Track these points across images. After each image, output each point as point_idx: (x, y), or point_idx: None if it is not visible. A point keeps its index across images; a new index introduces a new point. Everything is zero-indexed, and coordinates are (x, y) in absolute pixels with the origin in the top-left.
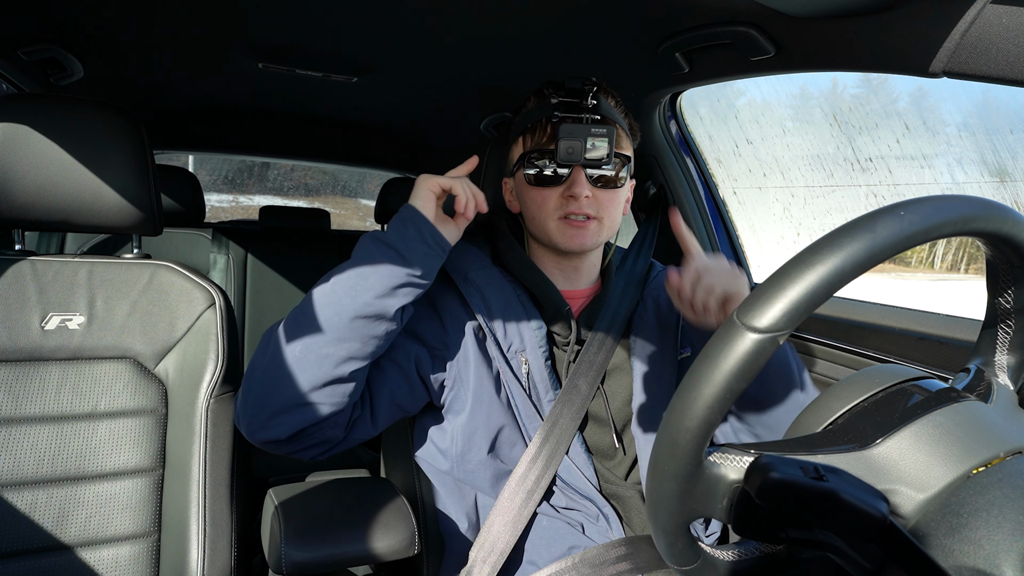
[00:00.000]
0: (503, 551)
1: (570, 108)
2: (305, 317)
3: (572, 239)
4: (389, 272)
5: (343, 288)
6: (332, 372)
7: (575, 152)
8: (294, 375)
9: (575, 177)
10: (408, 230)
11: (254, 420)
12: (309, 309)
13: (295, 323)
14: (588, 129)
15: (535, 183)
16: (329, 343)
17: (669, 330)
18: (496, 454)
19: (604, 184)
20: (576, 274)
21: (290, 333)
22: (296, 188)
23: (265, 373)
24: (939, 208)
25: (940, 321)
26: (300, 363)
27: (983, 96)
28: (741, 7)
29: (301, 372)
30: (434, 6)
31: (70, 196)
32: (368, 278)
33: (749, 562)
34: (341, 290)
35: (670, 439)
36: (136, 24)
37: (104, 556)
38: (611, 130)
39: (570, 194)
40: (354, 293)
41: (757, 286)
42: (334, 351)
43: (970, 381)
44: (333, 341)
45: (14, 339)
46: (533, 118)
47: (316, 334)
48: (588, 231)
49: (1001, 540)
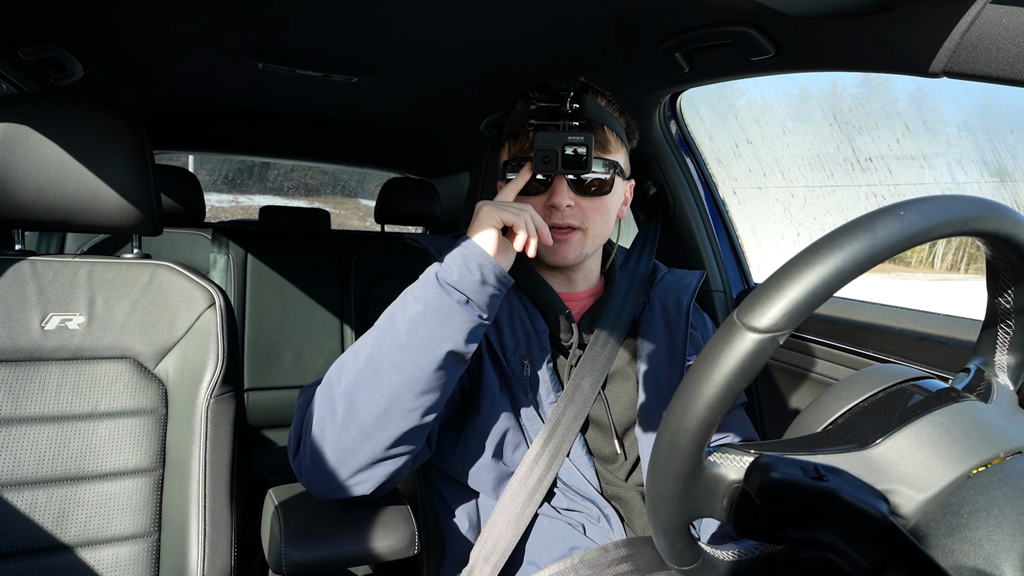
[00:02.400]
0: (504, 551)
1: (548, 114)
2: (380, 375)
3: (554, 252)
4: (464, 320)
5: (421, 342)
6: (418, 422)
7: (551, 161)
8: (377, 434)
9: (556, 186)
10: (475, 273)
11: (331, 483)
12: (382, 364)
13: (369, 380)
14: (564, 136)
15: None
16: (414, 397)
17: (677, 334)
18: (498, 456)
19: (589, 191)
20: (573, 279)
21: (365, 391)
22: (296, 188)
23: (341, 436)
24: (939, 208)
25: (940, 321)
26: (384, 421)
27: (983, 96)
28: (741, 7)
29: (384, 430)
30: (434, 6)
31: (70, 196)
32: (445, 326)
33: (749, 562)
34: (420, 343)
35: (670, 439)
36: (136, 24)
37: (104, 556)
38: (589, 136)
39: (551, 204)
40: (434, 346)
41: (757, 286)
42: (420, 403)
43: (970, 381)
44: (418, 394)
45: (14, 339)
46: (516, 124)
47: (399, 391)
48: (571, 243)
49: (1001, 540)
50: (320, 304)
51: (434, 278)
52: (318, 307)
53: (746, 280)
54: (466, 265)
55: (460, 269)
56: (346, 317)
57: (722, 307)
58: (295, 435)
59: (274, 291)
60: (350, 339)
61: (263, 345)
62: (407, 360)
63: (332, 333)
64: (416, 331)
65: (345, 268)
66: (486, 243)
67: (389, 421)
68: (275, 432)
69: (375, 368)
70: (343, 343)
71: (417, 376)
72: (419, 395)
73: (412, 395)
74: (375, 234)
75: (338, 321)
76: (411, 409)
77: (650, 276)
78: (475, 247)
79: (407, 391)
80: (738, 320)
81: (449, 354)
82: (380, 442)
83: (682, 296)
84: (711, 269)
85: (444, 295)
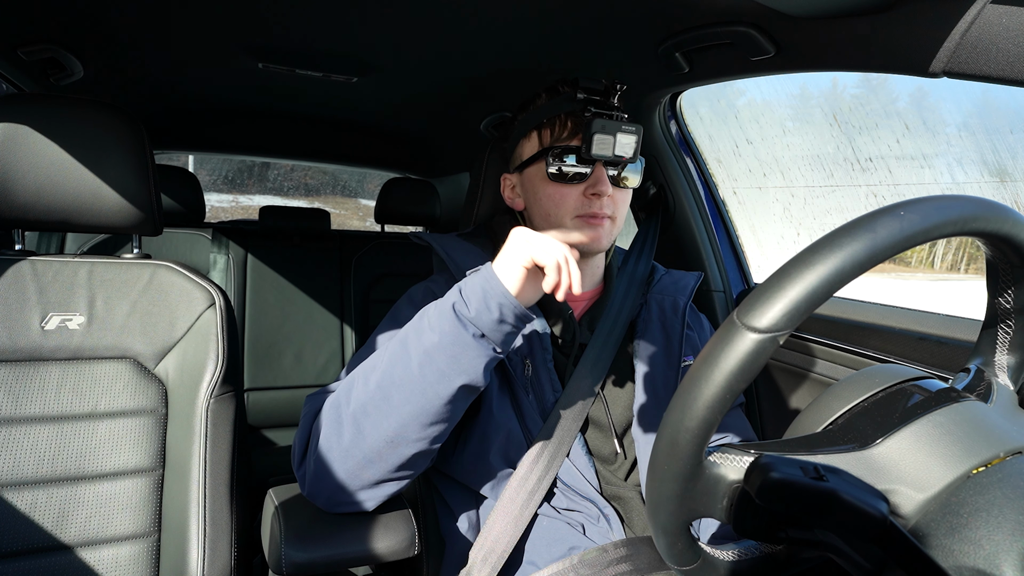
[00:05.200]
0: (503, 552)
1: (600, 104)
2: (390, 403)
3: (591, 238)
4: (479, 354)
5: (434, 374)
6: (425, 448)
7: (607, 148)
8: (382, 459)
9: (599, 175)
10: (493, 312)
11: (334, 497)
12: (392, 393)
13: (378, 407)
14: (619, 126)
15: (556, 179)
16: (422, 427)
17: (673, 336)
18: (498, 455)
19: (621, 183)
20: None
21: (374, 417)
22: (296, 188)
23: (346, 458)
24: (939, 208)
25: (940, 321)
26: (390, 448)
27: (983, 96)
28: (741, 7)
29: (390, 456)
30: (434, 6)
31: (70, 196)
32: (460, 360)
33: (749, 562)
34: (433, 376)
35: (670, 439)
36: (136, 24)
37: (104, 556)
38: (640, 128)
39: (594, 192)
40: (447, 379)
41: (757, 286)
42: (428, 433)
43: (970, 381)
44: (426, 425)
45: (14, 339)
46: (550, 113)
47: (407, 421)
48: (604, 230)
49: (1001, 540)
50: (320, 304)
51: (451, 309)
52: (318, 307)
53: (746, 280)
54: (485, 302)
55: (478, 305)
56: (346, 317)
57: (722, 307)
58: (300, 445)
59: (274, 291)
60: (350, 339)
61: (263, 345)
62: (418, 392)
63: (332, 333)
64: (430, 363)
65: (345, 268)
66: (510, 281)
67: (396, 448)
68: (275, 432)
69: (385, 396)
70: (343, 343)
71: (427, 408)
72: (427, 426)
73: (420, 426)
74: (375, 234)
75: (338, 321)
76: (418, 439)
77: (648, 277)
78: (497, 284)
79: (415, 421)
80: (738, 320)
81: (461, 388)
82: (385, 466)
83: (679, 297)
84: (711, 269)
85: (460, 328)
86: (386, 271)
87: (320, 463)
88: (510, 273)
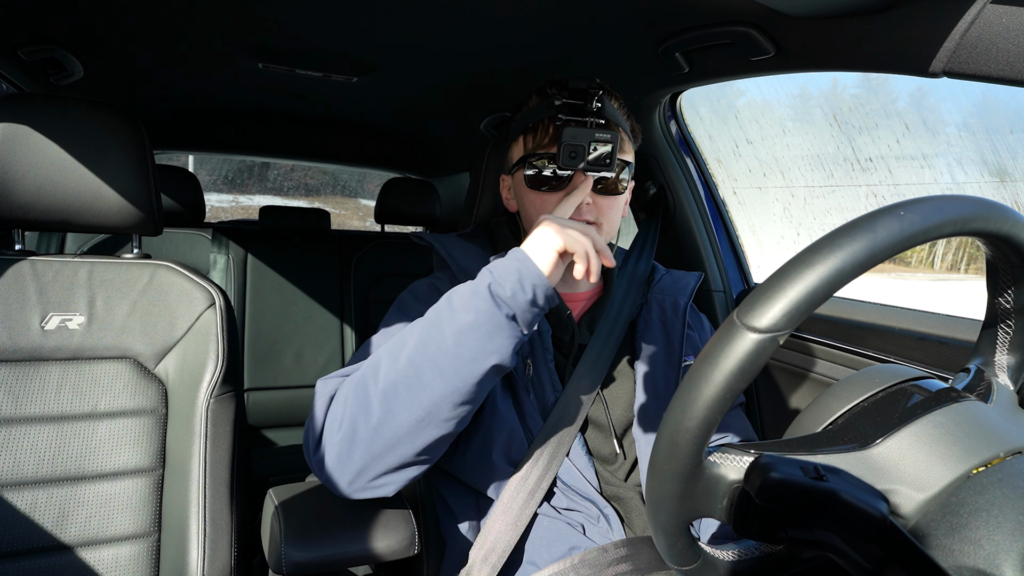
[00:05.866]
0: (503, 551)
1: (574, 110)
2: (422, 381)
3: None
4: (511, 335)
5: (469, 353)
6: (451, 430)
7: (578, 156)
8: (410, 439)
9: (576, 182)
10: (527, 293)
11: (355, 482)
12: (425, 370)
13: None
14: (592, 133)
15: (534, 186)
16: (452, 407)
17: (674, 336)
18: (499, 455)
19: (605, 190)
20: (574, 280)
21: (405, 396)
22: (296, 188)
23: (374, 439)
24: (939, 208)
25: (940, 321)
26: (419, 427)
27: (983, 96)
28: (741, 7)
29: (418, 436)
30: (434, 6)
31: (70, 196)
32: (494, 340)
33: (749, 562)
34: (468, 355)
35: (670, 439)
36: (136, 24)
37: (104, 556)
38: (615, 135)
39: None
40: (481, 359)
41: (757, 286)
42: (456, 413)
43: (970, 381)
44: (456, 404)
45: (14, 339)
46: (535, 117)
47: (439, 400)
48: None
49: (1001, 540)
50: (320, 304)
51: (487, 289)
52: (318, 307)
53: (746, 280)
54: (520, 283)
55: (513, 286)
56: (346, 317)
57: (722, 307)
58: (314, 430)
59: (274, 291)
60: (350, 339)
61: (263, 345)
62: (452, 370)
63: (332, 333)
64: (465, 341)
65: (345, 268)
66: (544, 263)
67: (424, 428)
68: (275, 432)
69: (417, 373)
70: (343, 343)
71: (459, 387)
72: (457, 405)
73: (451, 405)
74: (375, 234)
75: (338, 321)
76: (447, 419)
77: (648, 277)
78: (532, 266)
79: (447, 401)
80: (738, 320)
81: (493, 367)
82: (412, 447)
83: (679, 297)
84: (711, 269)
85: (495, 308)
86: (386, 271)
87: (343, 446)
88: (544, 257)
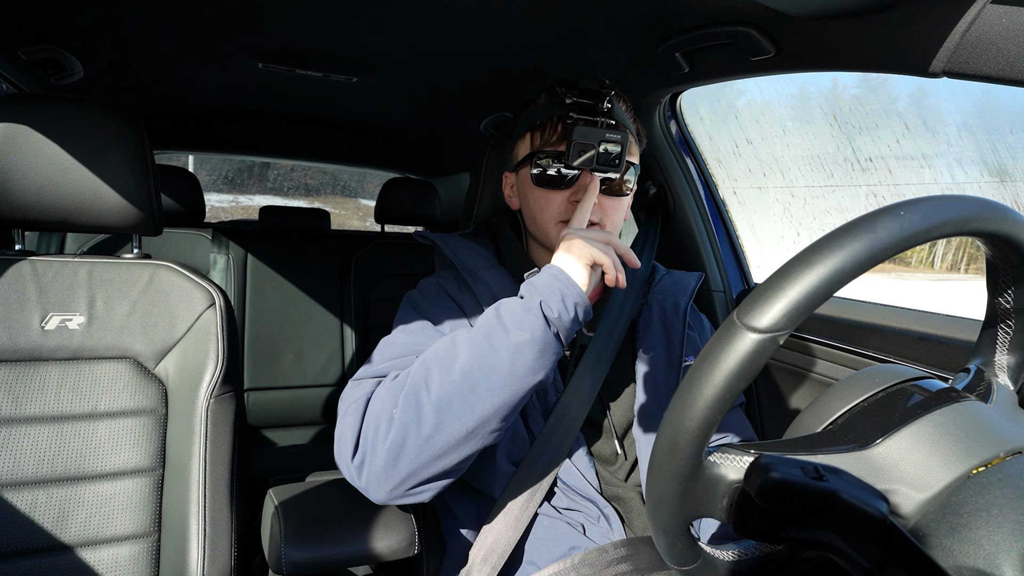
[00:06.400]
0: (504, 551)
1: (585, 110)
2: (477, 395)
3: None
4: (555, 352)
5: (524, 370)
6: (492, 442)
7: (586, 155)
8: (458, 450)
9: (583, 182)
10: (570, 312)
11: (398, 488)
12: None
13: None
14: (602, 133)
15: (539, 183)
16: (500, 420)
17: (674, 336)
18: (499, 455)
19: (610, 191)
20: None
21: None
22: (296, 188)
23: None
24: (939, 208)
25: (940, 321)
26: (468, 439)
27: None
28: (741, 7)
29: (465, 447)
30: (434, 7)
31: (70, 196)
32: (544, 358)
33: (749, 562)
34: (522, 372)
35: (670, 439)
36: (136, 24)
37: (104, 556)
38: (626, 136)
39: (576, 199)
40: (532, 375)
41: (757, 286)
42: (501, 426)
43: (970, 381)
44: (503, 418)
45: (14, 339)
46: (544, 115)
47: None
48: None
49: (1001, 540)
50: (320, 304)
51: (539, 308)
52: (318, 307)
53: (746, 280)
54: (564, 303)
55: (559, 306)
56: (346, 317)
57: (722, 307)
58: (351, 434)
59: (274, 291)
60: (350, 339)
61: (263, 345)
62: (506, 386)
63: (332, 333)
64: (521, 359)
65: (345, 268)
66: (581, 280)
67: (471, 440)
68: (275, 432)
69: (472, 387)
70: (343, 343)
71: (509, 402)
72: (504, 419)
73: (499, 419)
74: (375, 234)
75: (338, 321)
76: (493, 431)
77: (649, 277)
78: (574, 285)
79: (497, 415)
80: (738, 320)
81: (538, 383)
82: (456, 458)
83: (680, 298)
84: (711, 269)
85: (546, 327)
86: (386, 271)
87: (392, 452)
88: (579, 273)
